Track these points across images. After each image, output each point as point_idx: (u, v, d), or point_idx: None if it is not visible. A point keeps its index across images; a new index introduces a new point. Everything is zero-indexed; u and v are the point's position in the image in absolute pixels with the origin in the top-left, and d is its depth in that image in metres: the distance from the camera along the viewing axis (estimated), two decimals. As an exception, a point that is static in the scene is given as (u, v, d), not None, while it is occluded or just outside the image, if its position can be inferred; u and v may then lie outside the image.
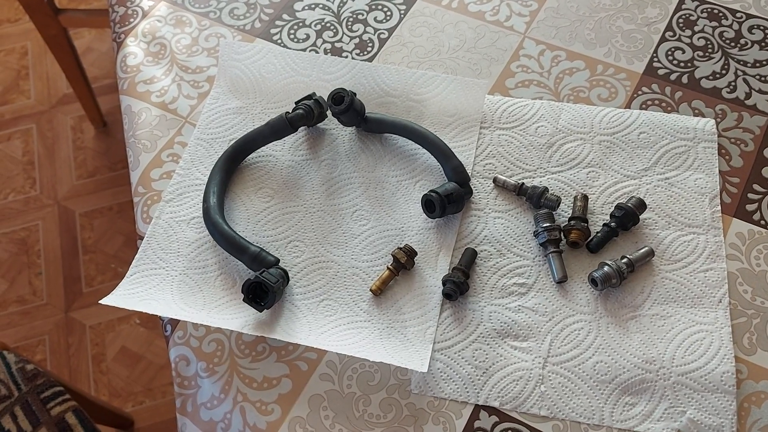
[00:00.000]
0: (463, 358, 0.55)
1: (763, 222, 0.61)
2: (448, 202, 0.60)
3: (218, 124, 0.69)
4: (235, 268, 0.61)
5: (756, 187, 0.63)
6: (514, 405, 0.53)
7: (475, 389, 0.54)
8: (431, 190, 0.60)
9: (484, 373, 0.55)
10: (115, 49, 0.78)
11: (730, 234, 0.60)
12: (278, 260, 0.59)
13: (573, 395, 0.53)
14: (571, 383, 0.54)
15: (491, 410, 0.54)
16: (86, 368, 1.46)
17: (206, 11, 0.79)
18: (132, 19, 0.79)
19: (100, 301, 0.56)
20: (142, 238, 0.63)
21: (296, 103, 0.66)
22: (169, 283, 0.60)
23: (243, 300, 0.56)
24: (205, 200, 0.62)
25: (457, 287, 0.57)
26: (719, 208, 0.61)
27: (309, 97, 0.66)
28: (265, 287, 0.55)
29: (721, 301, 0.57)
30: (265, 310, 0.56)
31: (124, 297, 0.58)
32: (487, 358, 0.55)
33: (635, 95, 0.69)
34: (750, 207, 0.62)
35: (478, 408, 0.54)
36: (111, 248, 1.59)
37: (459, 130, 0.67)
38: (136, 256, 0.62)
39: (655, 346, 0.55)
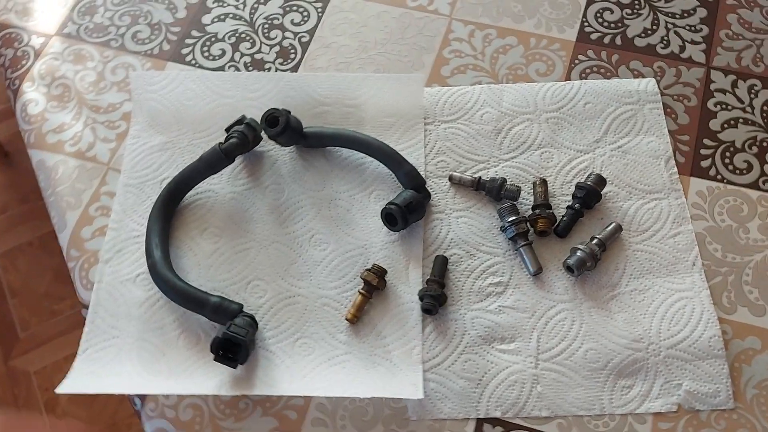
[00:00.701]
0: (454, 373, 0.53)
1: (719, 177, 0.61)
2: (409, 211, 0.57)
3: (144, 165, 0.63)
4: (197, 322, 0.56)
5: (706, 141, 0.63)
6: (515, 411, 0.52)
7: (473, 403, 0.52)
8: (389, 203, 0.57)
9: (478, 384, 0.53)
10: (11, 99, 0.70)
11: (691, 194, 0.60)
12: (241, 306, 0.55)
13: (570, 389, 0.52)
14: (565, 377, 0.53)
15: (494, 421, 0.52)
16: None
17: (106, 40, 0.72)
18: (24, 61, 0.71)
19: (56, 390, 0.51)
20: (86, 307, 0.58)
21: (226, 130, 0.62)
22: (127, 353, 0.55)
23: (214, 359, 0.52)
24: (149, 255, 0.57)
25: (436, 300, 0.55)
26: (675, 169, 0.61)
27: (239, 121, 0.61)
28: (235, 342, 0.51)
29: (694, 264, 0.57)
30: (240, 365, 0.52)
31: (80, 379, 0.53)
32: (478, 368, 0.53)
33: (573, 65, 0.67)
34: (704, 163, 0.62)
35: (480, 421, 0.52)
36: (40, 286, 1.48)
37: (403, 131, 0.64)
38: (85, 329, 0.56)
39: (639, 323, 0.54)
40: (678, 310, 0.55)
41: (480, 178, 0.61)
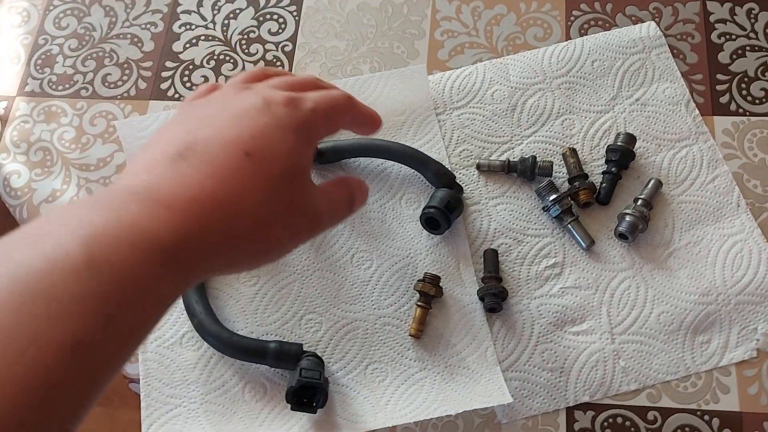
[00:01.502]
0: (535, 367, 0.52)
1: (741, 110, 0.60)
2: (449, 210, 0.55)
3: (157, 218, 0.59)
4: (257, 371, 0.54)
5: (720, 77, 0.62)
6: (603, 391, 0.52)
7: (561, 393, 0.52)
8: (427, 207, 0.55)
9: (561, 373, 0.52)
10: (-12, 175, 0.64)
11: (718, 133, 0.60)
12: (301, 345, 0.52)
13: (652, 357, 0.52)
14: (645, 346, 0.52)
15: (584, 406, 0.51)
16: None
17: (75, 90, 0.66)
18: (-9, 131, 0.65)
19: (134, 480, 0.48)
20: (134, 381, 0.55)
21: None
22: (196, 419, 0.52)
23: (291, 409, 0.49)
24: (192, 314, 0.54)
25: (498, 297, 0.53)
26: (697, 111, 0.60)
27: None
28: (310, 386, 0.49)
29: (739, 205, 0.57)
30: (320, 409, 0.50)
31: (155, 460, 0.50)
32: (557, 357, 0.53)
33: (569, 22, 0.65)
34: (723, 99, 0.61)
35: (570, 410, 0.51)
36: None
37: (416, 127, 0.61)
38: (142, 405, 0.53)
39: (703, 276, 0.54)
40: (736, 255, 0.55)
41: (509, 160, 0.59)
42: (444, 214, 0.54)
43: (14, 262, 0.25)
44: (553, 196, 0.56)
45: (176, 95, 0.65)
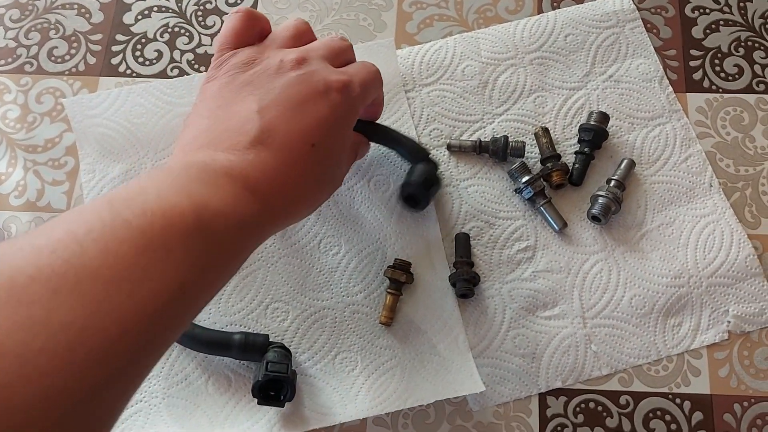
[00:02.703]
0: (506, 353, 0.51)
1: (714, 87, 0.59)
2: (428, 186, 0.53)
3: (111, 203, 0.56)
4: (221, 363, 0.51)
5: (693, 52, 0.61)
6: (575, 377, 0.51)
7: (533, 378, 0.51)
8: (406, 183, 0.53)
9: (533, 359, 0.51)
10: (-74, 157, 0.60)
11: (691, 111, 0.59)
12: (267, 336, 0.50)
13: (623, 341, 0.52)
14: (617, 330, 0.52)
15: (556, 392, 0.51)
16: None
17: (18, 65, 0.61)
18: (-73, 110, 0.60)
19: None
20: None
21: (196, 145, 0.55)
22: (158, 414, 0.50)
23: (258, 403, 0.48)
24: (151, 305, 0.51)
25: (470, 282, 0.52)
26: (671, 88, 0.59)
27: (208, 133, 0.55)
28: (278, 380, 0.47)
29: (711, 185, 0.56)
30: (287, 403, 0.48)
31: (116, 459, 0.48)
32: (529, 343, 0.52)
33: (541, -6, 0.63)
34: (696, 75, 0.60)
35: (543, 396, 0.51)
36: None
37: (384, 105, 0.58)
38: (100, 401, 0.51)
39: (675, 258, 0.54)
40: (708, 236, 0.54)
41: (480, 140, 0.57)
42: (424, 189, 0.52)
43: (134, 214, 0.30)
44: (526, 178, 0.54)
45: (128, 70, 0.61)
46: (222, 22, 0.63)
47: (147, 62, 0.61)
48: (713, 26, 0.61)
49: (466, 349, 0.51)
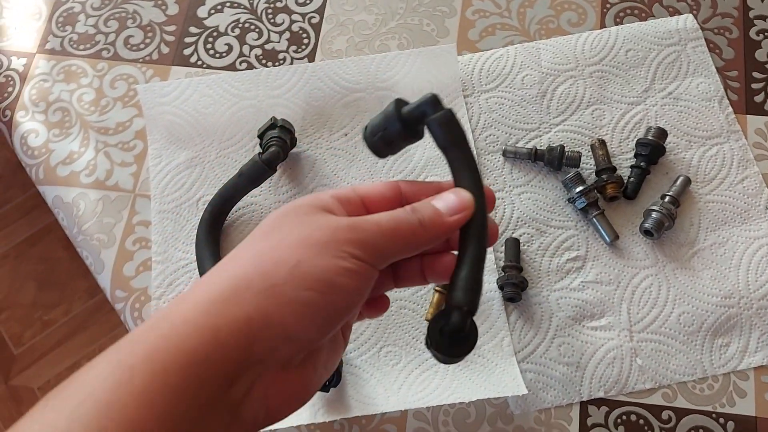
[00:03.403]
0: (550, 360, 0.52)
1: (775, 110, 0.59)
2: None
3: (176, 187, 0.58)
4: (271, 347, 0.53)
5: (756, 75, 0.60)
6: (618, 388, 0.51)
7: (575, 387, 0.51)
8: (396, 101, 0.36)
9: (577, 367, 0.52)
10: (6, 132, 0.63)
11: (750, 133, 0.58)
12: (316, 324, 0.52)
13: (670, 357, 0.52)
14: (663, 346, 0.52)
15: (598, 402, 0.51)
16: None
17: (96, 51, 0.65)
18: (10, 88, 0.64)
19: None
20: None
21: (259, 136, 0.57)
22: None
23: (304, 388, 0.49)
24: (207, 286, 0.53)
25: (517, 287, 0.53)
26: (731, 109, 0.59)
27: (272, 125, 0.57)
28: (325, 367, 0.49)
29: (767, 208, 0.56)
30: (332, 389, 0.50)
31: None
32: (574, 351, 0.52)
33: (605, 9, 0.64)
34: (758, 98, 0.60)
35: (584, 405, 0.51)
36: (26, 298, 1.42)
37: (443, 108, 0.60)
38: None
39: (726, 278, 0.53)
40: (761, 259, 0.54)
41: (536, 148, 0.57)
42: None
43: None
44: (580, 188, 0.54)
45: (199, 62, 0.64)
46: (291, 21, 0.65)
47: (217, 55, 0.64)
48: (778, 50, 0.61)
49: (511, 352, 0.52)
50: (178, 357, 0.28)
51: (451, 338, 0.31)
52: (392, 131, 0.35)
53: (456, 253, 0.34)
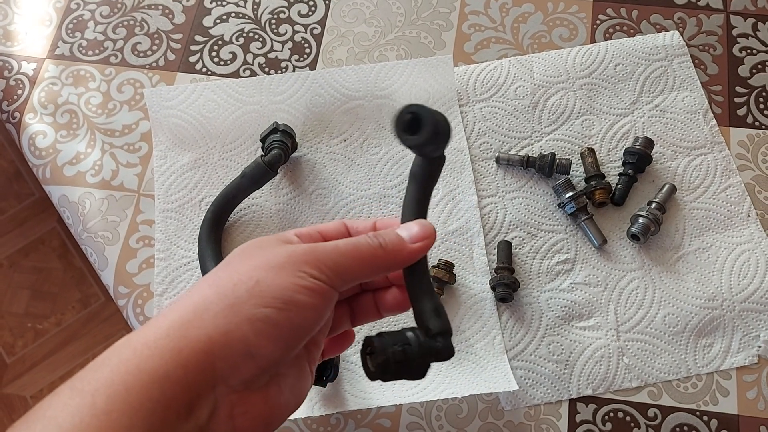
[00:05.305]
0: (540, 357, 0.54)
1: (757, 123, 0.62)
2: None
3: (179, 187, 0.60)
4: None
5: (739, 89, 0.63)
6: (606, 386, 0.53)
7: (564, 384, 0.53)
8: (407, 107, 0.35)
9: (566, 365, 0.53)
10: (14, 134, 0.65)
11: (733, 144, 0.61)
12: (314, 321, 0.53)
13: (655, 356, 0.53)
14: (649, 346, 0.54)
15: (586, 399, 0.53)
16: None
17: (104, 56, 0.67)
18: (20, 91, 0.66)
19: None
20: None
21: (262, 140, 0.59)
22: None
23: (302, 381, 0.50)
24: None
25: (509, 287, 0.54)
26: (715, 122, 0.62)
27: (274, 130, 0.59)
28: (323, 362, 0.50)
29: (749, 216, 0.58)
30: (329, 383, 0.51)
31: None
32: (563, 350, 0.54)
33: (595, 26, 0.66)
34: (740, 111, 0.62)
35: (573, 402, 0.53)
36: (19, 307, 1.42)
37: (439, 116, 0.62)
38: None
39: (710, 281, 0.55)
40: (743, 263, 0.56)
41: (528, 155, 0.60)
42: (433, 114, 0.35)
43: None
44: (570, 194, 0.57)
45: (204, 69, 0.66)
46: (293, 31, 0.67)
47: (222, 62, 0.66)
48: (759, 66, 0.64)
49: (502, 350, 0.54)
50: (140, 377, 0.29)
51: (437, 359, 0.36)
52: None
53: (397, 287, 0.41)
